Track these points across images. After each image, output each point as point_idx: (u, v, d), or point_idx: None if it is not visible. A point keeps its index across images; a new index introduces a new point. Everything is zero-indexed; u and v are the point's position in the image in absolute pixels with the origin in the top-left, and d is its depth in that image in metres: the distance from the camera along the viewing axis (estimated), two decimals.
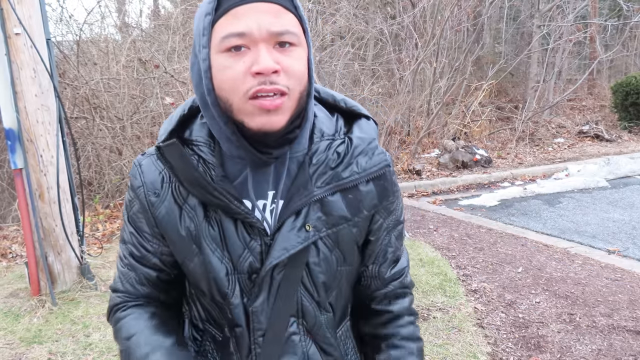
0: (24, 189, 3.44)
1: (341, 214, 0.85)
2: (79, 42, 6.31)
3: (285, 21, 0.75)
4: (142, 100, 6.48)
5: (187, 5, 8.04)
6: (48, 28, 3.50)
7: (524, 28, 13.50)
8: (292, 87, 0.76)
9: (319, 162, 0.84)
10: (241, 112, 0.76)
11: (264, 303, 0.84)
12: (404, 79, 9.63)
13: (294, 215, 0.82)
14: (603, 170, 7.76)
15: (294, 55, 0.76)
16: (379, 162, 0.87)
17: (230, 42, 0.74)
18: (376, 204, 0.88)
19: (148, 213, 0.87)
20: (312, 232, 0.82)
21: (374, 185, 0.88)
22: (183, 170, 0.81)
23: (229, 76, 0.75)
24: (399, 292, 0.96)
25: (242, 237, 0.83)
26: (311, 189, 0.83)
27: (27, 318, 3.31)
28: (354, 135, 0.87)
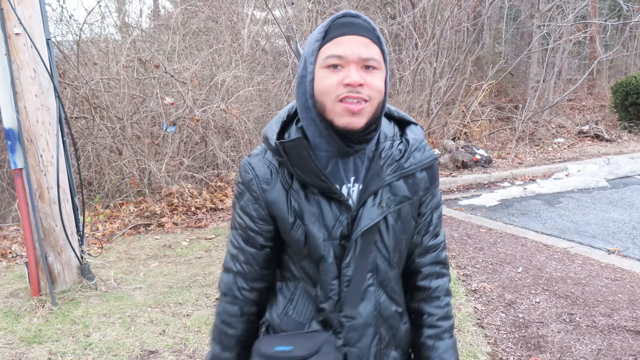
0: (24, 189, 3.44)
1: (404, 194, 1.14)
2: (79, 42, 6.31)
3: (371, 51, 1.04)
4: (142, 100, 6.48)
5: (187, 5, 8.04)
6: (48, 28, 3.50)
7: (524, 28, 13.50)
8: (372, 97, 1.04)
9: (387, 156, 1.13)
10: (332, 112, 1.04)
11: (350, 261, 1.11)
12: (404, 79, 9.63)
13: (372, 195, 1.10)
14: (603, 170, 7.76)
15: (376, 76, 1.05)
16: (430, 155, 1.17)
17: (331, 61, 1.03)
18: (428, 187, 1.18)
19: (259, 199, 1.14)
20: (385, 208, 1.11)
21: (427, 173, 1.17)
22: (301, 160, 1.07)
23: (326, 84, 1.03)
24: (438, 270, 1.23)
25: (334, 212, 1.10)
26: (383, 176, 1.11)
27: (27, 318, 3.31)
28: (409, 136, 1.16)
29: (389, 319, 1.18)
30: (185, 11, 8.11)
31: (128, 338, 3.05)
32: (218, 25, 7.85)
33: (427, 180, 1.17)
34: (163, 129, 6.25)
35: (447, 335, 1.22)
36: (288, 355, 1.10)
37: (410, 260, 1.22)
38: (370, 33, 1.05)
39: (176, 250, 4.79)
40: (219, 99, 6.55)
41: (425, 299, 1.22)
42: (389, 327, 1.18)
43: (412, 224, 1.17)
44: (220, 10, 7.87)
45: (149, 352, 2.90)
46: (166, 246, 4.91)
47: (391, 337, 1.19)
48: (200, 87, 6.74)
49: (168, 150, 6.22)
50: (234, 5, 8.00)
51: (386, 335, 1.18)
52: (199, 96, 6.56)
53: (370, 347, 1.15)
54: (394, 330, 1.19)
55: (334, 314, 1.14)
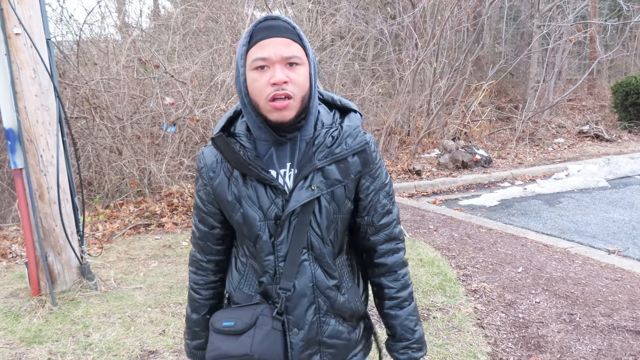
0: (24, 189, 3.44)
1: (335, 177, 1.24)
2: (79, 42, 6.31)
3: (292, 49, 1.15)
4: (142, 100, 6.48)
5: (187, 5, 8.03)
6: (48, 28, 3.50)
7: (524, 28, 13.50)
8: (296, 92, 1.16)
9: (319, 143, 1.23)
10: (264, 109, 1.17)
11: (284, 239, 1.24)
12: (404, 79, 9.63)
13: (303, 179, 1.21)
14: (603, 170, 7.75)
15: (298, 72, 1.16)
16: (361, 141, 1.26)
17: (257, 63, 1.14)
18: (360, 170, 1.27)
19: (207, 184, 1.29)
20: (316, 191, 1.22)
21: (358, 158, 1.26)
22: (228, 152, 1.23)
23: (257, 86, 1.15)
24: (393, 247, 1.35)
25: (270, 196, 1.22)
26: (314, 161, 1.21)
27: (27, 318, 3.31)
28: (345, 123, 1.26)
29: (326, 291, 1.29)
30: (185, 11, 8.11)
31: (128, 338, 3.05)
32: (218, 25, 7.84)
33: (358, 164, 1.26)
34: (163, 129, 6.24)
35: (406, 303, 1.36)
36: (232, 329, 1.26)
37: (365, 239, 1.34)
38: (290, 33, 1.16)
39: (176, 250, 4.79)
40: (219, 99, 6.54)
41: (383, 274, 1.35)
42: (326, 297, 1.29)
43: (347, 204, 1.27)
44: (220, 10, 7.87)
45: (149, 352, 2.89)
46: (166, 246, 4.91)
47: (329, 307, 1.30)
48: (200, 87, 6.74)
49: (168, 150, 6.22)
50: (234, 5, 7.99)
51: (324, 305, 1.29)
52: (199, 96, 6.55)
53: (306, 315, 1.28)
54: (332, 300, 1.30)
55: (271, 286, 1.27)
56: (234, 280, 1.36)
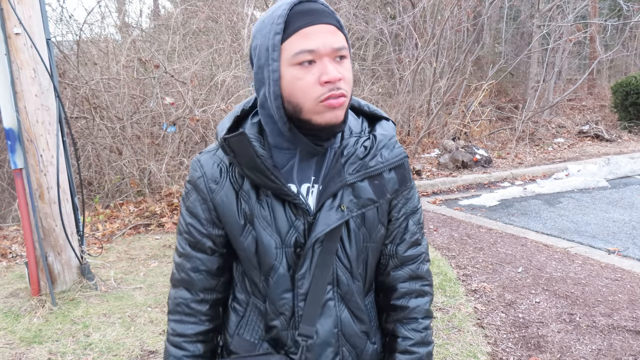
0: (24, 189, 3.44)
1: (369, 196, 1.02)
2: (79, 42, 6.31)
3: (340, 38, 0.95)
4: (142, 100, 6.48)
5: (187, 5, 8.04)
6: (48, 28, 3.50)
7: (524, 28, 13.50)
8: (348, 90, 0.96)
9: (349, 153, 1.02)
10: (311, 112, 0.94)
11: (306, 272, 1.00)
12: (404, 79, 9.63)
13: (331, 197, 0.99)
14: (603, 170, 7.76)
15: (347, 67, 0.96)
16: (399, 153, 1.05)
17: (303, 57, 0.92)
18: (397, 189, 1.06)
19: (207, 200, 1.04)
20: (346, 212, 0.99)
21: (395, 173, 1.05)
22: (246, 157, 0.97)
23: (301, 85, 0.93)
24: (417, 288, 1.11)
25: (289, 217, 0.99)
26: (344, 176, 1.00)
27: (27, 318, 3.31)
28: (378, 132, 1.05)
29: (352, 338, 1.05)
30: (185, 11, 8.11)
31: (128, 338, 3.05)
32: (218, 25, 7.85)
33: (395, 182, 1.05)
34: (163, 129, 6.24)
35: None
36: None
37: (385, 273, 1.10)
38: (333, 19, 0.95)
39: None
40: (219, 99, 6.54)
41: (400, 320, 1.09)
42: (352, 346, 1.05)
43: (380, 231, 1.05)
44: (220, 10, 7.87)
45: (149, 352, 2.89)
46: (166, 246, 4.91)
47: (355, 358, 1.07)
48: (200, 87, 6.74)
49: (168, 150, 6.22)
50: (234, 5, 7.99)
51: (349, 356, 1.06)
52: (199, 96, 6.55)
53: None
54: (358, 350, 1.07)
55: (287, 331, 1.02)
56: (230, 323, 1.10)
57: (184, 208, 1.08)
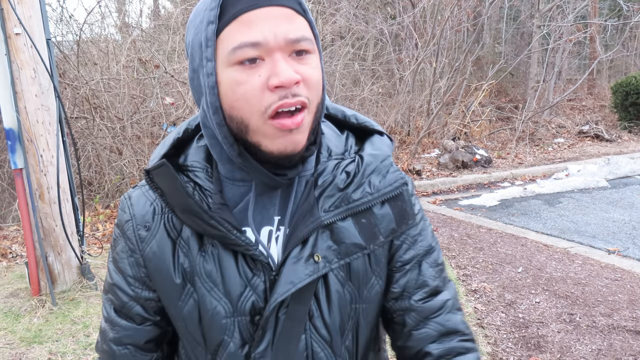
0: (24, 189, 3.44)
1: (354, 241, 0.75)
2: (79, 42, 6.31)
3: (299, 26, 0.69)
4: (142, 100, 6.48)
5: (187, 5, 8.04)
6: (48, 28, 3.50)
7: (524, 28, 13.50)
8: (312, 98, 0.70)
9: (325, 183, 0.75)
10: (259, 133, 0.69)
11: (267, 349, 0.73)
12: (404, 79, 9.63)
13: (300, 244, 0.73)
14: (603, 170, 7.76)
15: (311, 64, 0.70)
16: (394, 180, 0.78)
17: (243, 54, 0.66)
18: (394, 229, 0.78)
19: (136, 250, 0.79)
20: (321, 264, 0.73)
21: (390, 208, 0.78)
22: (175, 196, 0.73)
23: (244, 92, 0.67)
24: (454, 345, 0.79)
25: (244, 273, 0.73)
26: (317, 214, 0.73)
27: (27, 318, 3.31)
28: (365, 152, 0.79)
29: None
30: (185, 11, 8.11)
31: None
32: None
33: (391, 219, 0.78)
34: (163, 129, 6.25)
35: None
36: None
37: (404, 335, 0.80)
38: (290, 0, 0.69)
39: None
40: None
41: None
42: None
43: (375, 286, 0.78)
44: None
45: None
46: None
47: None
48: None
49: None
50: None
51: None
52: None
53: None
54: None
55: None
56: None
57: (110, 260, 0.84)
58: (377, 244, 0.77)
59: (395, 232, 0.79)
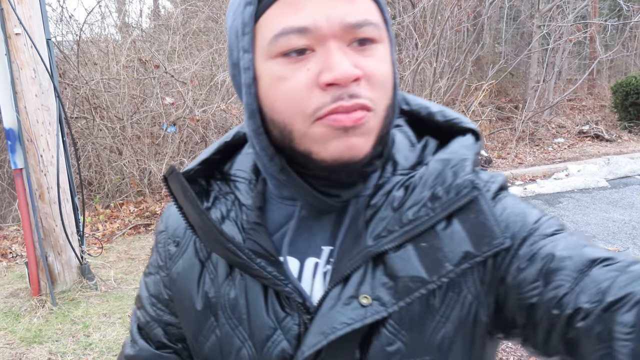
0: (24, 189, 3.44)
1: (413, 274, 0.56)
2: (79, 42, 6.31)
3: (361, 7, 0.54)
4: (142, 100, 6.48)
5: (187, 5, 8.04)
6: (48, 28, 3.50)
7: (524, 28, 13.50)
8: (378, 100, 0.55)
9: (378, 203, 0.59)
10: (307, 138, 0.55)
11: None
12: (404, 79, 9.63)
13: (341, 282, 0.57)
14: (603, 170, 7.76)
15: (378, 56, 0.55)
16: (462, 186, 0.57)
17: (288, 43, 0.53)
18: (469, 253, 0.56)
19: (163, 267, 0.70)
20: (374, 307, 0.55)
21: (460, 223, 0.57)
22: (189, 210, 0.61)
23: (287, 91, 0.54)
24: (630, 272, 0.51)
25: (273, 312, 0.59)
26: (364, 242, 0.57)
27: (27, 318, 3.31)
28: (434, 159, 0.61)
29: None
30: (185, 11, 8.11)
31: None
32: (218, 25, 7.85)
33: (464, 238, 0.57)
34: (163, 129, 6.25)
35: None
36: None
37: (574, 328, 0.51)
38: None
39: None
40: (219, 99, 6.55)
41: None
42: None
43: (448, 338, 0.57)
44: (220, 10, 7.87)
45: None
46: None
47: None
48: (200, 87, 6.74)
49: (168, 150, 6.22)
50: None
51: None
52: (199, 96, 6.56)
53: None
54: None
55: None
56: None
57: (144, 273, 0.76)
58: (444, 274, 0.56)
59: (472, 257, 0.56)
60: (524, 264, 0.55)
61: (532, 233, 0.57)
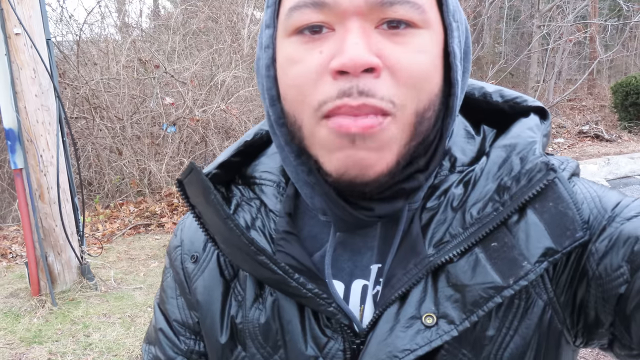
0: (24, 189, 3.44)
1: (484, 280, 0.46)
2: (79, 42, 6.31)
3: None
4: (142, 100, 6.48)
5: (187, 5, 8.04)
6: (48, 28, 3.50)
7: (524, 28, 13.51)
8: (404, 101, 0.44)
9: (434, 206, 0.51)
10: (314, 140, 0.46)
11: None
12: None
13: (398, 300, 0.48)
14: (603, 170, 7.76)
15: (415, 45, 0.45)
16: (533, 170, 0.48)
17: (302, 18, 0.44)
18: (550, 249, 0.46)
19: (185, 288, 0.59)
20: (441, 326, 0.46)
21: (536, 214, 0.47)
22: (210, 216, 0.51)
23: (296, 76, 0.45)
24: None
25: (312, 337, 0.50)
26: (423, 251, 0.48)
27: (27, 318, 3.31)
28: (495, 146, 0.52)
29: None
30: (185, 11, 8.11)
31: (128, 338, 3.05)
32: (218, 25, 7.85)
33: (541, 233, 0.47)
34: (163, 129, 6.25)
35: None
36: None
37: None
38: None
39: None
40: (219, 99, 6.55)
41: None
42: None
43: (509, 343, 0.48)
44: (220, 10, 7.88)
45: None
46: (166, 246, 4.91)
47: None
48: (200, 87, 6.74)
49: (168, 150, 6.22)
50: (234, 5, 8.00)
51: None
52: (199, 96, 6.56)
53: None
54: None
55: None
56: None
57: (156, 298, 0.64)
58: (522, 276, 0.46)
59: (552, 253, 0.46)
60: (604, 253, 0.47)
61: (613, 219, 0.48)
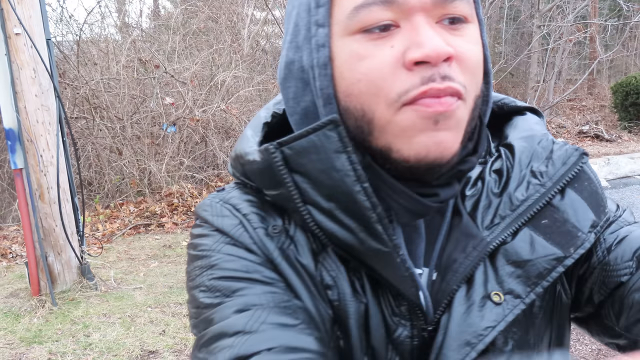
0: (24, 189, 3.44)
1: (544, 253, 0.51)
2: (79, 42, 6.31)
3: None
4: (142, 100, 6.49)
5: (187, 5, 8.04)
6: (48, 28, 3.50)
7: (524, 28, 13.51)
8: (469, 87, 0.48)
9: (475, 193, 0.55)
10: (389, 130, 0.48)
11: None
12: None
13: (464, 284, 0.50)
14: (603, 170, 7.76)
15: (469, 37, 0.49)
16: (567, 156, 0.56)
17: (370, 17, 0.46)
18: (595, 222, 0.53)
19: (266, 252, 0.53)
20: (509, 302, 0.49)
21: (576, 192, 0.54)
22: (324, 177, 0.49)
23: (367, 71, 0.47)
24: None
25: (385, 322, 0.51)
26: (480, 234, 0.52)
27: (27, 318, 3.31)
28: (511, 139, 0.58)
29: None
30: (185, 11, 8.11)
31: (128, 338, 3.05)
32: (218, 25, 7.85)
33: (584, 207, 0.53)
34: (163, 129, 6.25)
35: None
36: None
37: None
38: None
39: (176, 250, 4.79)
40: (219, 99, 6.55)
41: None
42: None
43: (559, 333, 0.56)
44: (220, 10, 7.88)
45: (149, 352, 2.90)
46: (166, 246, 4.92)
47: None
48: (200, 87, 6.74)
49: (168, 150, 6.22)
50: (234, 5, 8.01)
51: None
52: (199, 96, 6.56)
53: None
54: None
55: None
56: None
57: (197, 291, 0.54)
58: (579, 245, 0.51)
59: (596, 224, 0.53)
60: (612, 244, 0.54)
61: (618, 217, 0.56)
